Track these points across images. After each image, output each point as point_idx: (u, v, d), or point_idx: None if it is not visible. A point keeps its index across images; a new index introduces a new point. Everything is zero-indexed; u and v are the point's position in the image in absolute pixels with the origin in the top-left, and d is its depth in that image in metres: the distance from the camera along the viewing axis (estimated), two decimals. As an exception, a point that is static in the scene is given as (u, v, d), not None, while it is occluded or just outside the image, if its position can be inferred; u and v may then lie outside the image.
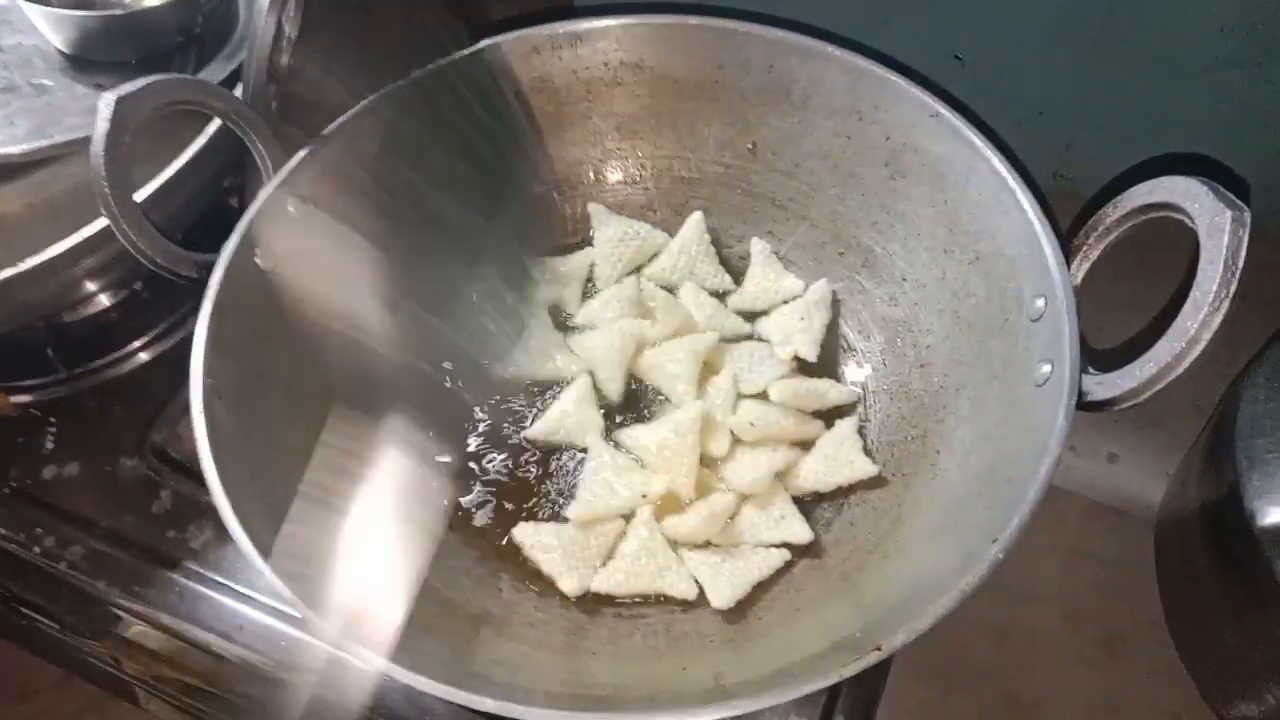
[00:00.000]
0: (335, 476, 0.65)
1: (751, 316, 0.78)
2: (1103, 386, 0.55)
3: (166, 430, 0.77)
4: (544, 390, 0.75)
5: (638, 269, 0.80)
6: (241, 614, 0.68)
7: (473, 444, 0.73)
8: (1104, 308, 0.63)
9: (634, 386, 0.75)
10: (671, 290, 0.78)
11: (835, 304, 0.77)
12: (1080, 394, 0.55)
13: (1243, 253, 0.50)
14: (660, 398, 0.74)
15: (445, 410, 0.74)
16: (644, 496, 0.67)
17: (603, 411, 0.73)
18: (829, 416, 0.72)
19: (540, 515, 0.69)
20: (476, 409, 0.74)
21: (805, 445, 0.71)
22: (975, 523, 0.56)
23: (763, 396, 0.72)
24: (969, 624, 0.76)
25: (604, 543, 0.66)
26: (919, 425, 0.68)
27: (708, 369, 0.74)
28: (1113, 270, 0.61)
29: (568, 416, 0.71)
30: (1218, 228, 0.51)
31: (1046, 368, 0.58)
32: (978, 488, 0.59)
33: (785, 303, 0.77)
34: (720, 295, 0.79)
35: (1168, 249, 0.59)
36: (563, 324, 0.79)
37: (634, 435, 0.71)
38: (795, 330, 0.74)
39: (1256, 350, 0.71)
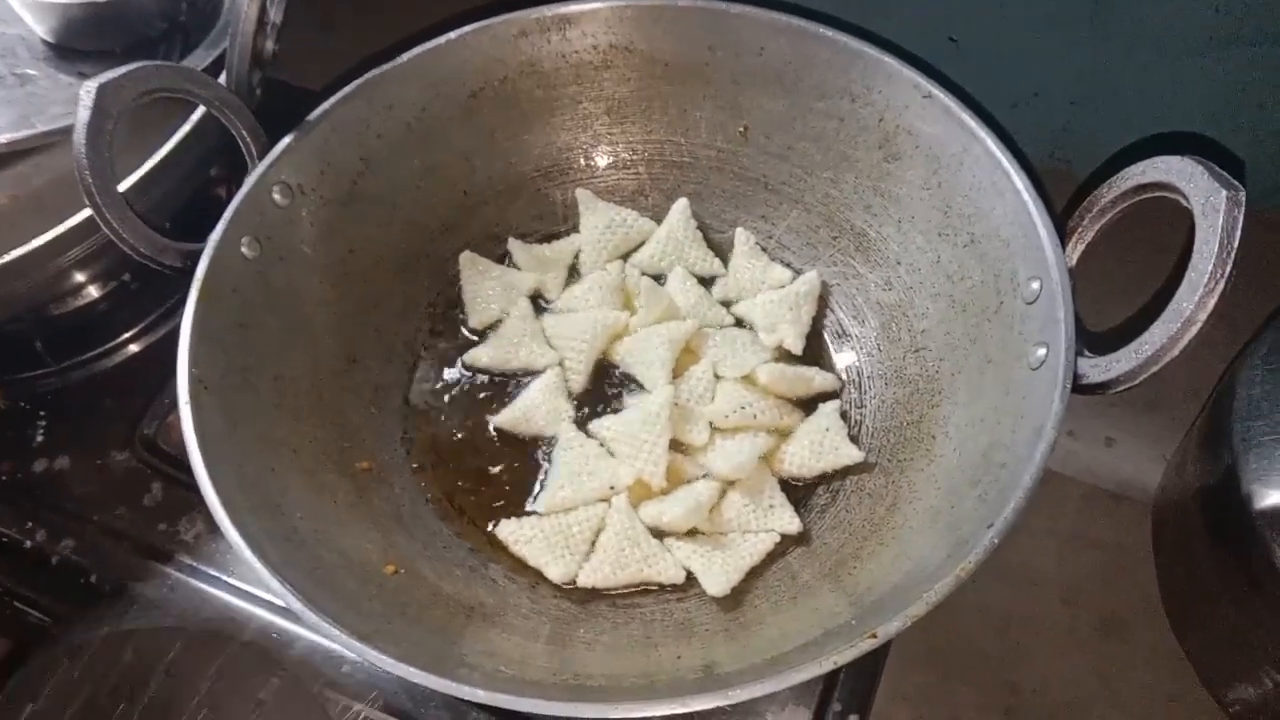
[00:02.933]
0: (321, 467, 0.65)
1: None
2: (1098, 369, 0.55)
3: (156, 422, 0.76)
4: (517, 378, 0.75)
5: (624, 256, 0.80)
6: (233, 606, 0.68)
7: (444, 432, 0.72)
8: (1099, 290, 0.62)
9: (614, 374, 0.75)
10: (659, 277, 0.78)
11: (824, 295, 0.76)
12: (1076, 377, 0.55)
13: (1238, 232, 0.50)
14: (635, 386, 0.73)
15: (417, 398, 0.74)
16: (611, 487, 0.67)
17: (575, 401, 0.73)
18: (812, 403, 0.72)
19: (518, 505, 0.69)
20: (447, 396, 0.74)
21: (785, 433, 0.70)
22: (971, 508, 0.56)
23: (744, 381, 0.72)
24: (967, 609, 0.76)
25: (585, 530, 0.66)
26: (914, 410, 0.68)
27: (689, 356, 0.73)
28: (1108, 252, 0.60)
29: (537, 406, 0.71)
30: (1213, 207, 0.50)
31: (1042, 351, 0.57)
32: (973, 473, 0.59)
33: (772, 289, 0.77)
34: (710, 280, 0.79)
35: (1163, 230, 0.59)
36: (543, 311, 0.78)
37: (604, 424, 0.70)
38: (782, 320, 0.74)
39: (1253, 332, 0.71)
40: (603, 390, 0.74)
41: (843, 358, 0.74)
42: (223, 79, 0.67)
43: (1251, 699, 0.67)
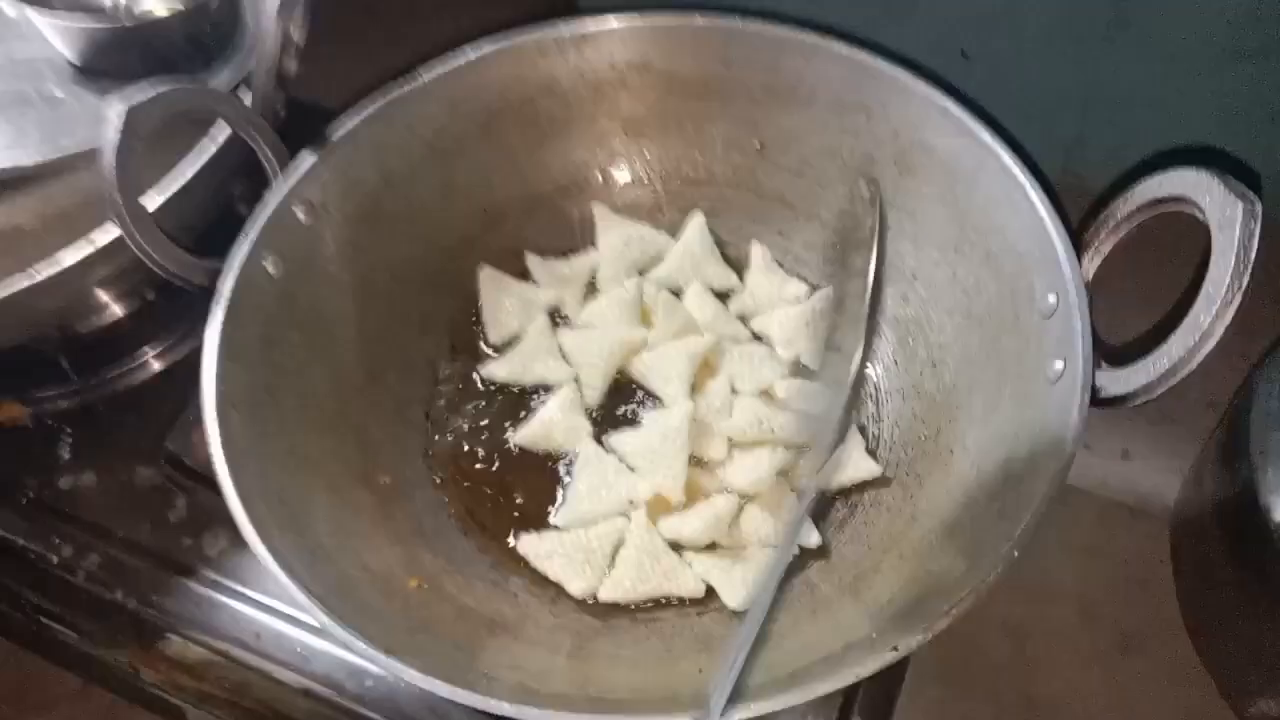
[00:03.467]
0: (345, 482, 0.65)
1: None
2: (1117, 382, 0.55)
3: (181, 438, 0.77)
4: (537, 393, 0.75)
5: (641, 272, 0.80)
6: (258, 621, 0.69)
7: (465, 446, 0.73)
8: (1116, 303, 0.62)
9: (633, 389, 0.75)
10: (676, 293, 0.78)
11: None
12: (1094, 390, 0.55)
13: (1255, 244, 0.50)
14: (653, 400, 0.74)
15: (438, 413, 0.75)
16: (630, 502, 0.67)
17: (593, 416, 0.73)
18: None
19: (539, 520, 0.69)
20: (467, 411, 0.75)
21: (802, 447, 0.70)
22: (990, 522, 0.56)
23: (761, 396, 0.72)
24: (984, 624, 0.76)
25: (605, 544, 0.66)
26: (931, 424, 0.68)
27: (706, 371, 0.73)
28: (1124, 265, 0.61)
29: (555, 423, 0.71)
30: (1229, 220, 0.50)
31: (1059, 364, 0.58)
32: (992, 487, 0.59)
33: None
34: (727, 294, 0.79)
35: (1179, 242, 0.59)
36: (562, 326, 0.78)
37: (624, 439, 0.71)
38: (799, 335, 0.74)
39: (1270, 344, 0.71)
40: (621, 405, 0.74)
41: (859, 372, 0.75)
42: (247, 99, 0.68)
43: (1273, 713, 0.67)
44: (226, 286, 0.63)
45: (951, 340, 0.69)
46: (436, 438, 0.73)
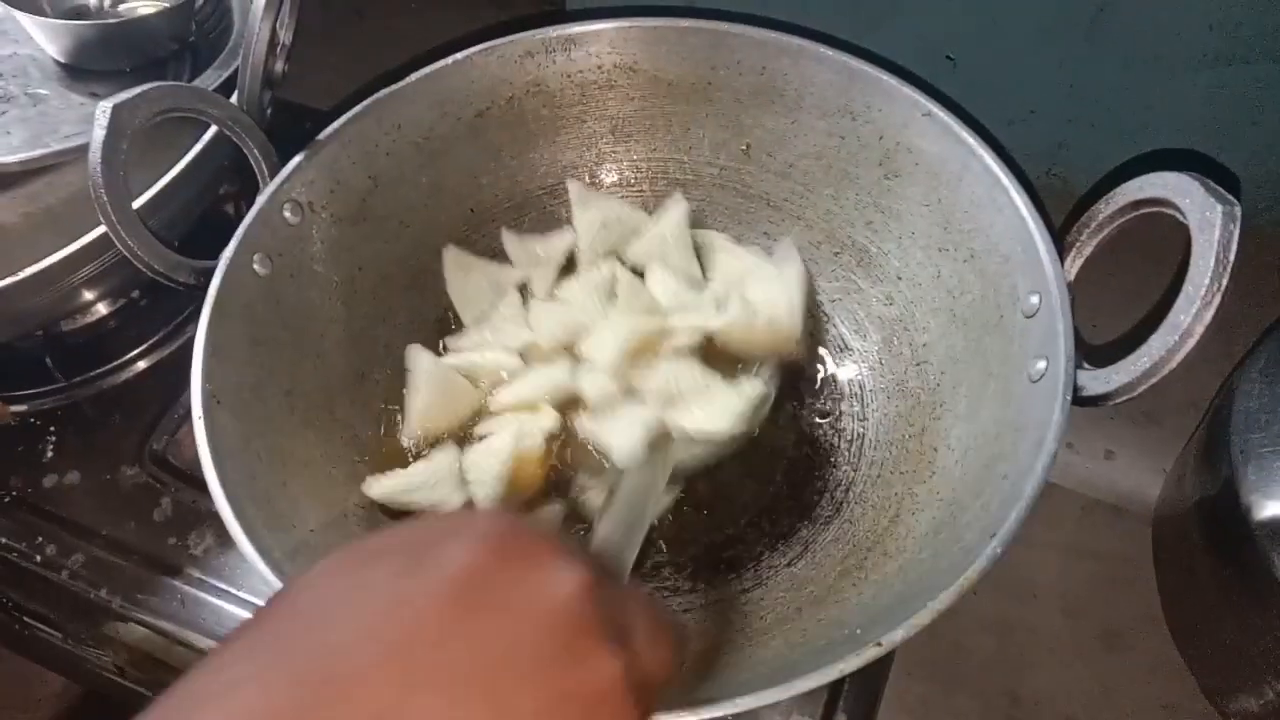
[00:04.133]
0: (332, 481, 0.65)
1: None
2: (1098, 381, 0.55)
3: (166, 438, 0.77)
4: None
5: (619, 253, 0.80)
6: (243, 619, 0.68)
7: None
8: (1098, 303, 0.63)
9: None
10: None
11: (825, 310, 0.77)
12: (1076, 389, 0.56)
13: (1234, 246, 0.50)
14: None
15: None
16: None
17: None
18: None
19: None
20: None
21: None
22: (973, 519, 0.57)
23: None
24: (969, 621, 0.77)
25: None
26: (916, 423, 0.69)
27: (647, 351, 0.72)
28: (1106, 266, 0.61)
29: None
30: (1209, 222, 0.51)
31: (1042, 364, 0.58)
32: (975, 484, 0.59)
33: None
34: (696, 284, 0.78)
35: (1160, 244, 0.60)
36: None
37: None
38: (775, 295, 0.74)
39: (1250, 345, 0.72)
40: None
41: (845, 371, 0.75)
42: (234, 98, 0.68)
43: (1253, 709, 0.67)
44: (215, 285, 0.63)
45: (936, 340, 0.70)
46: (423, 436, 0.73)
